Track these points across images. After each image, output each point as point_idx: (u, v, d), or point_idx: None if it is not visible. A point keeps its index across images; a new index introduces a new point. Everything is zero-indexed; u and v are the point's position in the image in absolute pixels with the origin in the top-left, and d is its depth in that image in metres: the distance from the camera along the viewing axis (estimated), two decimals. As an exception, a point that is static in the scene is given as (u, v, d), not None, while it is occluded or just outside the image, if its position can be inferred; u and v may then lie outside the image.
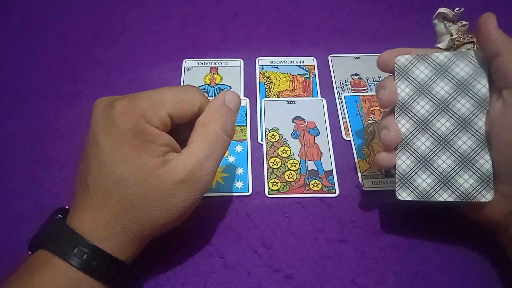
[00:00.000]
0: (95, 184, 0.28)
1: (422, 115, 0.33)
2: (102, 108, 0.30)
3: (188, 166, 0.29)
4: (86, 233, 0.27)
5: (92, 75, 0.49)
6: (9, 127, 0.44)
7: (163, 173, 0.28)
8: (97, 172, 0.28)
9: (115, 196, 0.28)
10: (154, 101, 0.30)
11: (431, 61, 0.34)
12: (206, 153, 0.30)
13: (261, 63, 0.50)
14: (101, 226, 0.28)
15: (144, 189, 0.28)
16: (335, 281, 0.34)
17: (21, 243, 0.36)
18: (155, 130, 0.29)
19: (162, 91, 0.31)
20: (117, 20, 0.55)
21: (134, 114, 0.29)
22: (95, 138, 0.29)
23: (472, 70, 0.32)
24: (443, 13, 0.45)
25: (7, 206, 0.38)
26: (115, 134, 0.28)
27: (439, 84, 0.33)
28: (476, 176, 0.31)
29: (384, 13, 0.56)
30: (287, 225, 0.37)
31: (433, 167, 0.33)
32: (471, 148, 0.32)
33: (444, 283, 0.34)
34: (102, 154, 0.28)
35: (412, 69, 0.34)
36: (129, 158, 0.28)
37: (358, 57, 0.51)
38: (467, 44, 0.45)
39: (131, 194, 0.28)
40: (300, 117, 0.45)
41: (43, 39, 0.52)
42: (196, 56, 0.51)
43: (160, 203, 0.28)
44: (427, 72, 0.33)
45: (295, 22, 0.55)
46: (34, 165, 0.41)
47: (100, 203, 0.28)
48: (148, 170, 0.28)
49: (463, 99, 0.32)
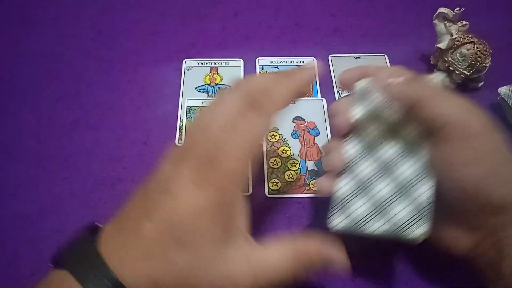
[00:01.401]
0: (155, 236, 0.25)
1: (370, 140, 0.32)
2: (187, 178, 0.26)
3: (252, 276, 0.26)
4: (120, 273, 0.24)
5: (92, 75, 0.49)
6: (9, 127, 0.44)
7: (221, 265, 0.26)
8: (162, 224, 0.25)
9: (169, 259, 0.25)
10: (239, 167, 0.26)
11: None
12: (282, 274, 0.27)
13: (261, 63, 0.50)
14: (138, 277, 0.25)
15: (197, 268, 0.25)
16: (335, 281, 0.34)
17: (21, 243, 0.36)
18: (237, 205, 0.27)
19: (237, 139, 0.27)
20: (117, 20, 0.55)
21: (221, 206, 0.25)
22: (171, 187, 0.26)
23: None
24: (443, 13, 0.45)
25: (7, 206, 0.38)
26: (196, 198, 0.25)
27: (388, 112, 0.31)
28: (411, 208, 0.29)
29: (384, 13, 0.56)
30: (287, 225, 0.37)
31: (370, 195, 0.31)
32: (411, 177, 0.30)
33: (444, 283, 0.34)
34: (174, 208, 0.25)
35: (369, 95, 0.32)
36: (200, 226, 0.25)
37: (358, 57, 0.51)
38: (467, 44, 0.45)
39: (184, 267, 0.25)
40: (300, 117, 0.45)
41: (43, 39, 0.52)
42: (196, 56, 0.51)
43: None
44: (381, 98, 0.31)
45: (295, 22, 0.55)
46: (34, 165, 0.41)
47: (151, 257, 0.25)
48: (210, 248, 0.25)
49: (410, 128, 0.31)
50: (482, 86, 0.47)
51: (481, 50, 0.44)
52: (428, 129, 0.29)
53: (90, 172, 0.41)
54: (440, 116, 0.27)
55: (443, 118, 0.27)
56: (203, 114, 0.30)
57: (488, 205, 0.27)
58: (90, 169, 0.41)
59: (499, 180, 0.27)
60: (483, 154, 0.27)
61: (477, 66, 0.44)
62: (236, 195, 0.26)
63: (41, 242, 0.36)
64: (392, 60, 0.51)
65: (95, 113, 0.45)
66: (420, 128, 0.30)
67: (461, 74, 0.45)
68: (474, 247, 0.29)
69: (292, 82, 0.29)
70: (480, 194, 0.27)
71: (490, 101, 0.46)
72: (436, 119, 0.28)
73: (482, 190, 0.27)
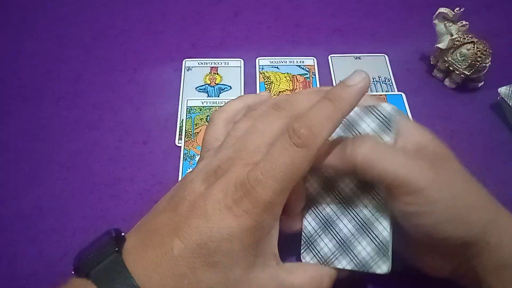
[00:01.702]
0: (184, 254, 0.25)
1: (328, 175, 0.31)
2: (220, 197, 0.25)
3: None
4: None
5: (92, 75, 0.49)
6: (9, 127, 0.44)
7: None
8: (193, 244, 0.25)
9: (198, 279, 0.25)
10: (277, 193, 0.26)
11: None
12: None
13: (261, 63, 0.50)
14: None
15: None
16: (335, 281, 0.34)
17: (21, 243, 0.36)
18: (271, 232, 0.27)
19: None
20: (117, 20, 0.55)
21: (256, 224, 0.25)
22: (203, 207, 0.25)
23: (377, 126, 0.29)
24: (443, 13, 0.45)
25: (7, 206, 0.38)
26: (229, 225, 0.25)
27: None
28: (374, 245, 0.29)
29: (384, 13, 0.56)
30: (287, 225, 0.37)
31: (334, 232, 0.30)
32: (371, 213, 0.29)
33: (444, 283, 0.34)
34: (205, 230, 0.25)
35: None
36: (231, 250, 0.25)
37: (358, 57, 0.51)
38: (467, 44, 0.45)
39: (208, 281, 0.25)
40: (300, 117, 0.45)
41: (43, 39, 0.52)
42: (196, 56, 0.51)
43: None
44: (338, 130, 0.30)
45: (295, 22, 0.55)
46: (34, 165, 0.41)
47: (179, 277, 0.25)
48: (240, 272, 0.25)
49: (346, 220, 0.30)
50: (482, 86, 0.47)
51: (481, 50, 0.44)
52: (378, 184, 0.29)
53: (90, 172, 0.41)
54: (385, 176, 0.27)
55: (388, 176, 0.26)
56: (239, 129, 0.29)
57: (451, 244, 0.27)
58: (90, 169, 0.41)
59: (454, 224, 0.27)
60: (433, 204, 0.26)
61: (477, 66, 0.44)
62: (268, 221, 0.26)
63: (41, 242, 0.36)
64: (392, 60, 0.51)
65: (95, 113, 0.45)
66: (375, 123, 0.29)
67: (461, 74, 0.45)
68: (454, 271, 0.30)
69: (338, 111, 0.26)
70: (440, 237, 0.27)
71: (490, 101, 0.46)
72: (382, 179, 0.27)
73: (441, 235, 0.27)
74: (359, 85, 0.26)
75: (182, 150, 0.42)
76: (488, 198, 0.28)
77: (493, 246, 0.27)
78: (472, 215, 0.27)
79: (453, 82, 0.47)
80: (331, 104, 0.26)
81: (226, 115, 0.32)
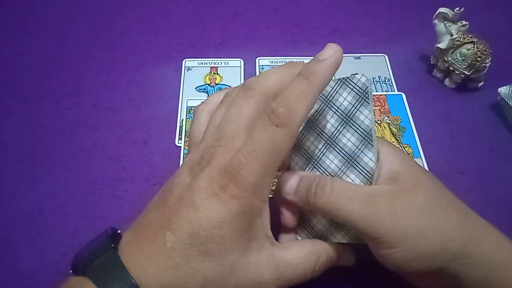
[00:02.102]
0: (178, 246, 0.25)
1: (312, 151, 0.31)
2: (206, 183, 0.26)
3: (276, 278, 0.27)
4: (142, 283, 0.25)
5: (92, 75, 0.49)
6: (9, 127, 0.44)
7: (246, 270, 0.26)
8: (185, 235, 0.25)
9: (193, 270, 0.25)
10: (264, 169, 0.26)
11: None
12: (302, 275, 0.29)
13: (261, 63, 0.50)
14: (163, 285, 0.25)
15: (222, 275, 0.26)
16: (335, 281, 0.34)
17: (21, 243, 0.36)
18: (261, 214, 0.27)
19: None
20: (117, 20, 0.55)
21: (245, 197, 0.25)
22: (192, 199, 0.25)
23: (354, 98, 0.30)
24: (443, 13, 0.45)
25: (7, 206, 0.38)
26: (218, 211, 0.25)
27: (325, 117, 0.31)
28: (362, 176, 0.30)
29: (384, 13, 0.56)
30: (287, 225, 0.37)
31: (322, 169, 0.31)
32: (355, 146, 0.30)
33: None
34: (196, 220, 0.25)
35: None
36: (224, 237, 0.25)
37: (358, 57, 0.51)
38: (467, 44, 0.45)
39: (210, 276, 0.26)
40: (300, 117, 0.45)
41: (43, 39, 0.53)
42: (196, 56, 0.51)
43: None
44: (315, 106, 0.31)
45: (295, 22, 0.55)
46: (34, 165, 0.41)
47: (174, 269, 0.25)
48: (236, 256, 0.26)
49: (348, 133, 0.30)
50: (482, 86, 0.47)
51: (481, 50, 0.44)
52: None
53: (90, 172, 0.41)
54: (349, 222, 0.28)
55: (351, 224, 0.28)
56: (215, 118, 0.29)
57: (426, 272, 0.28)
58: (90, 169, 0.41)
59: (419, 260, 0.27)
60: (394, 247, 0.27)
61: (477, 66, 0.44)
62: (257, 204, 0.26)
63: (41, 242, 0.36)
64: (392, 60, 0.51)
65: (95, 113, 0.45)
66: (352, 96, 0.30)
67: (461, 74, 0.45)
68: (445, 285, 0.30)
69: (313, 86, 0.26)
70: (411, 271, 0.28)
71: (490, 101, 0.46)
72: (347, 223, 0.28)
73: (411, 269, 0.28)
74: (331, 58, 0.27)
75: (182, 150, 0.42)
76: (459, 221, 0.28)
77: (467, 270, 0.27)
78: (436, 249, 0.27)
79: (453, 82, 0.47)
80: (305, 80, 0.26)
81: (209, 107, 0.32)
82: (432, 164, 0.41)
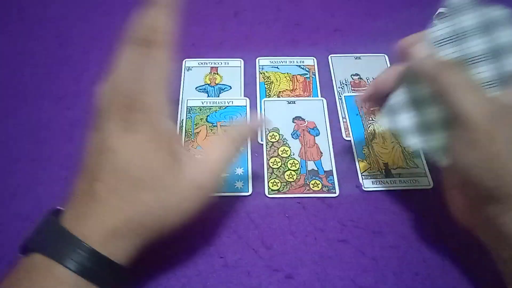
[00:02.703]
0: (108, 189, 0.27)
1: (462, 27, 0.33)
2: (113, 111, 0.29)
3: (208, 173, 0.30)
4: (87, 238, 0.26)
5: (92, 75, 0.49)
6: (9, 127, 0.44)
7: (180, 177, 0.29)
8: (111, 177, 0.27)
9: (130, 202, 0.27)
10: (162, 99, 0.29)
11: (484, 13, 0.32)
12: (224, 162, 0.31)
13: (261, 63, 0.50)
14: (107, 231, 0.27)
15: (160, 192, 0.28)
16: (335, 281, 0.34)
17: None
18: (171, 129, 0.29)
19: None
20: (117, 20, 0.55)
21: (151, 117, 0.29)
22: (107, 145, 0.28)
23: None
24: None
25: (7, 206, 0.38)
26: (133, 141, 0.28)
27: (474, 40, 0.32)
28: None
29: (384, 13, 0.56)
30: (287, 225, 0.37)
31: (418, 113, 0.33)
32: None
33: (445, 283, 0.34)
34: (116, 159, 0.28)
35: (461, 13, 0.33)
36: (146, 159, 0.28)
37: (358, 57, 0.51)
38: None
39: (148, 199, 0.27)
40: (300, 117, 0.45)
41: (43, 39, 0.52)
42: (196, 56, 0.51)
43: (176, 208, 0.28)
44: (472, 22, 0.32)
45: (295, 22, 0.55)
46: (34, 165, 0.41)
47: (112, 209, 0.27)
48: (164, 172, 0.28)
49: (485, 66, 0.32)
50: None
51: (481, 50, 0.44)
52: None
53: (90, 172, 0.41)
54: (460, 108, 0.29)
55: (462, 110, 0.29)
56: (106, 73, 0.32)
57: (480, 194, 0.29)
58: (90, 169, 0.41)
59: (488, 173, 0.28)
60: (480, 147, 0.28)
61: (477, 66, 0.44)
62: (165, 121, 0.29)
63: (41, 242, 0.36)
64: (392, 60, 0.51)
65: (95, 113, 0.45)
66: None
67: (461, 74, 0.45)
68: (479, 225, 0.31)
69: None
70: (472, 182, 0.29)
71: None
72: (456, 108, 0.29)
73: (473, 179, 0.28)
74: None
75: (182, 150, 0.42)
76: None
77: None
78: (508, 171, 0.27)
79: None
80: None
81: None
82: (433, 164, 0.41)
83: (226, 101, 0.46)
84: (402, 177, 0.41)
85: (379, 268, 0.35)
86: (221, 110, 0.45)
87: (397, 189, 0.40)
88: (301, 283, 0.34)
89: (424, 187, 0.40)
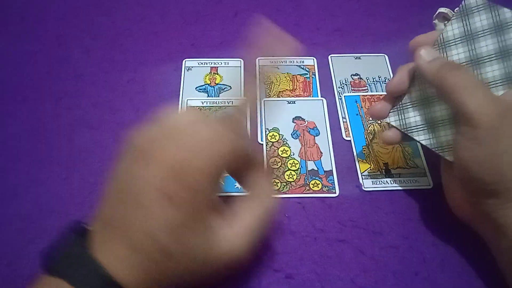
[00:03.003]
0: (141, 247, 0.26)
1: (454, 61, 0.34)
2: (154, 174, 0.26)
3: (239, 245, 0.29)
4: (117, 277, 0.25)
5: (92, 75, 0.49)
6: (9, 127, 0.44)
7: (213, 253, 0.27)
8: (142, 238, 0.26)
9: (160, 266, 0.26)
10: (208, 160, 0.27)
11: (496, 14, 0.33)
12: (256, 234, 0.30)
13: (261, 63, 0.50)
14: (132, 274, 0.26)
15: (189, 264, 0.27)
16: (335, 281, 0.34)
17: (21, 243, 0.36)
18: (214, 198, 0.28)
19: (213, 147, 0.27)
20: (117, 20, 0.55)
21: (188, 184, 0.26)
22: (139, 202, 0.26)
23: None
24: (443, 13, 0.45)
25: (7, 206, 0.38)
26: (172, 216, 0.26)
27: (486, 40, 0.33)
28: None
29: (384, 13, 0.56)
30: (287, 225, 0.37)
31: (427, 111, 0.34)
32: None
33: (444, 283, 0.34)
34: (151, 222, 0.26)
35: (474, 14, 0.33)
36: (179, 234, 0.26)
37: (358, 57, 0.51)
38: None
39: (176, 268, 0.26)
40: (300, 117, 0.45)
41: (43, 39, 0.52)
42: (196, 56, 0.51)
43: (205, 277, 0.28)
44: (485, 23, 0.33)
45: (295, 22, 0.55)
46: (34, 165, 0.41)
47: (139, 263, 0.26)
48: (195, 246, 0.27)
49: (495, 65, 0.32)
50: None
51: (481, 50, 0.44)
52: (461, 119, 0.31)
53: (90, 172, 0.41)
54: (465, 107, 0.29)
55: (467, 108, 0.29)
56: (160, 117, 0.30)
57: (480, 188, 0.29)
58: (90, 169, 0.41)
59: (492, 169, 0.28)
60: (484, 144, 0.28)
61: (477, 66, 0.44)
62: (206, 201, 0.27)
63: (41, 242, 0.36)
64: (392, 60, 0.51)
65: (95, 113, 0.45)
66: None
67: (461, 74, 0.45)
68: (476, 217, 0.32)
69: None
70: (473, 177, 0.29)
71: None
72: (462, 107, 0.30)
73: (475, 174, 0.29)
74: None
75: (182, 150, 0.42)
76: None
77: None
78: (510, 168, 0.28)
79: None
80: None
81: None
82: (433, 164, 0.41)
83: (226, 101, 0.46)
84: (402, 177, 0.41)
85: (379, 268, 0.35)
86: (221, 110, 0.45)
87: (397, 189, 0.40)
88: (301, 283, 0.34)
89: (424, 187, 0.40)
